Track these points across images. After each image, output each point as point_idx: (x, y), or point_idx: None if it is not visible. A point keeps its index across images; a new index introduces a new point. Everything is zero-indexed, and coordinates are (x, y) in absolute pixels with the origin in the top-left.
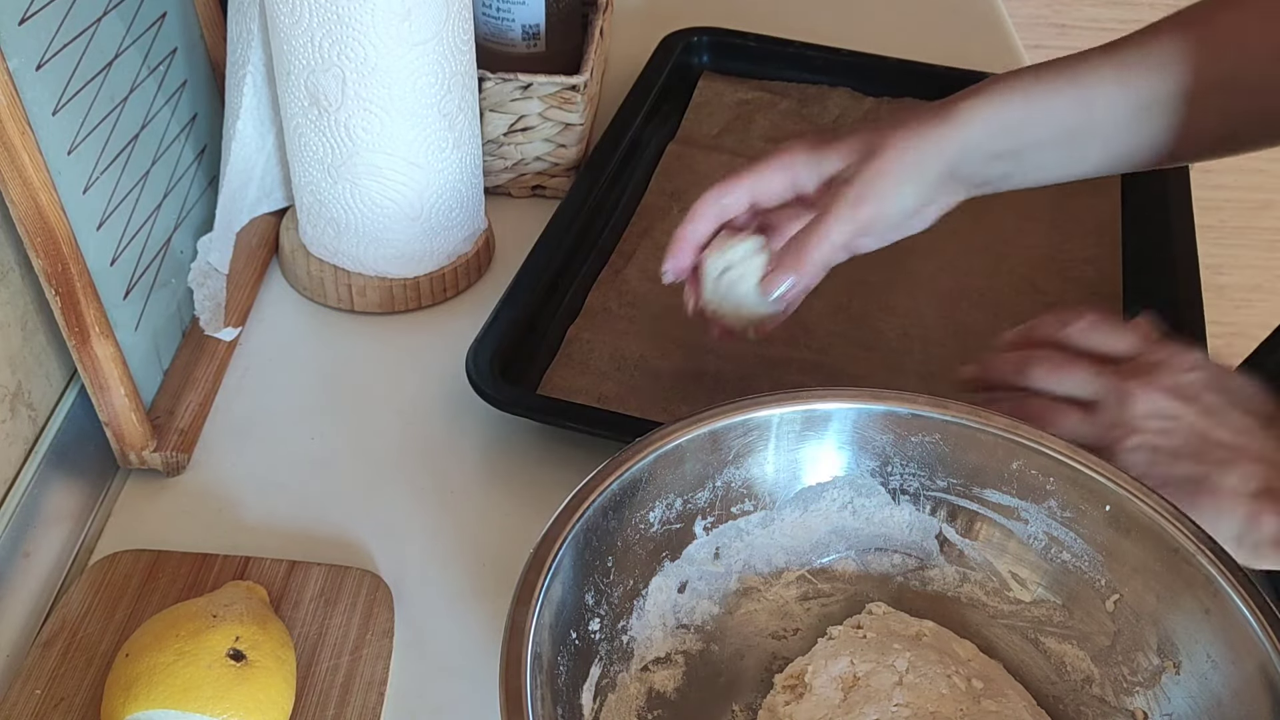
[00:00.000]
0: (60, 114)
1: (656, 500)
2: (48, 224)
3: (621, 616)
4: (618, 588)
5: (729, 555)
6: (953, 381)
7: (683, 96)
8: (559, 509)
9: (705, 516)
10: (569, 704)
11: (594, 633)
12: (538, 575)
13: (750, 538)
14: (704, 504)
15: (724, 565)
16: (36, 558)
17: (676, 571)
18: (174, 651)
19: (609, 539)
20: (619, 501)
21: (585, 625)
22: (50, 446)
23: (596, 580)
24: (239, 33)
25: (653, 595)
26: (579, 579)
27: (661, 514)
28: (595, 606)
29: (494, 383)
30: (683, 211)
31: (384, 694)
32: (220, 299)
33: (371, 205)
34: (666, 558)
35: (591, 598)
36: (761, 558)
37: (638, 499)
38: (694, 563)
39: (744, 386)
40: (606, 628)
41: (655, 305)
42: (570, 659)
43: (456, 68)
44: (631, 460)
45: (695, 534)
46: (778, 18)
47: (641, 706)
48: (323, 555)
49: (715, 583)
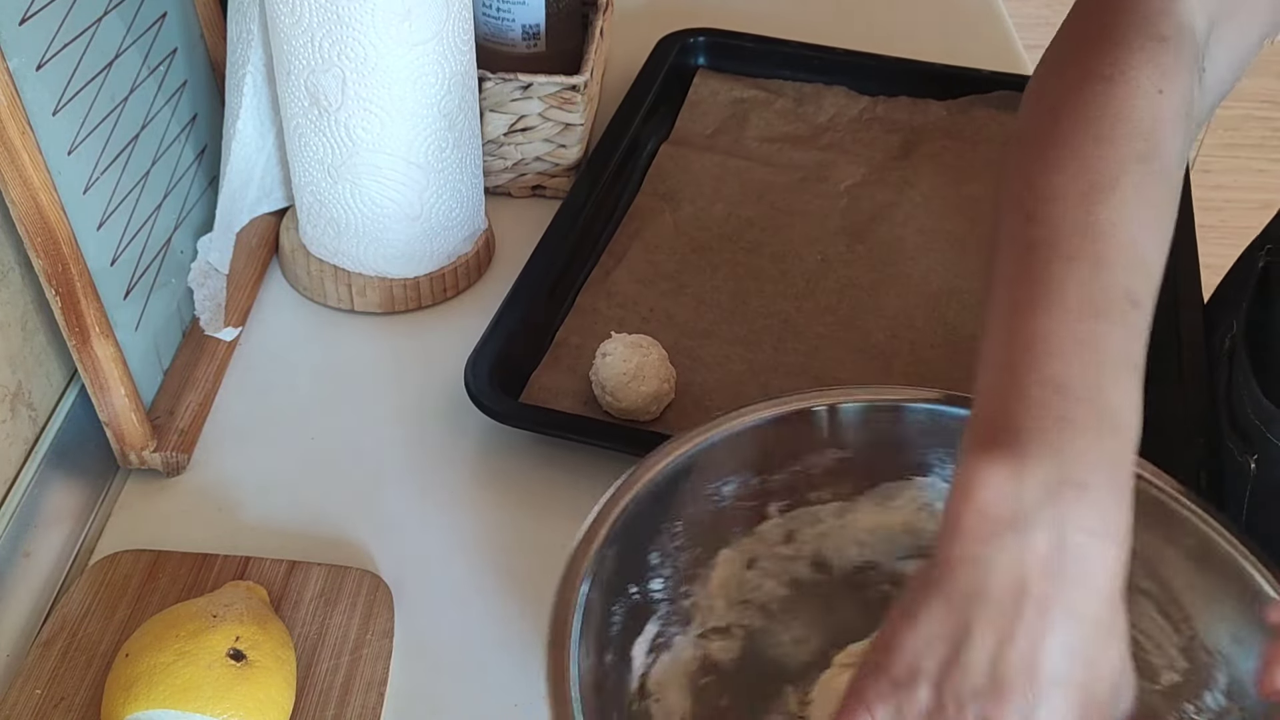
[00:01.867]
0: (60, 114)
1: (733, 474)
2: (48, 224)
3: (685, 581)
4: (685, 553)
5: (800, 540)
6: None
7: (681, 97)
8: (633, 469)
9: (781, 499)
10: (620, 654)
11: (654, 591)
12: (603, 522)
13: (824, 526)
14: (780, 486)
15: (794, 549)
16: (36, 558)
17: (747, 547)
18: (174, 651)
19: (680, 502)
20: (695, 468)
21: (646, 582)
22: (50, 446)
23: (664, 541)
24: (239, 33)
25: (720, 566)
26: (645, 535)
27: (736, 489)
28: (659, 566)
29: (493, 395)
30: (674, 213)
31: (384, 694)
32: (220, 299)
33: (371, 205)
34: (738, 532)
35: (656, 557)
36: (833, 547)
37: (714, 470)
38: (765, 542)
39: (730, 393)
40: (669, 589)
41: (644, 307)
42: (626, 612)
43: (456, 68)
44: (714, 428)
45: (769, 514)
46: (776, 17)
47: (695, 672)
48: (323, 555)
49: (784, 565)
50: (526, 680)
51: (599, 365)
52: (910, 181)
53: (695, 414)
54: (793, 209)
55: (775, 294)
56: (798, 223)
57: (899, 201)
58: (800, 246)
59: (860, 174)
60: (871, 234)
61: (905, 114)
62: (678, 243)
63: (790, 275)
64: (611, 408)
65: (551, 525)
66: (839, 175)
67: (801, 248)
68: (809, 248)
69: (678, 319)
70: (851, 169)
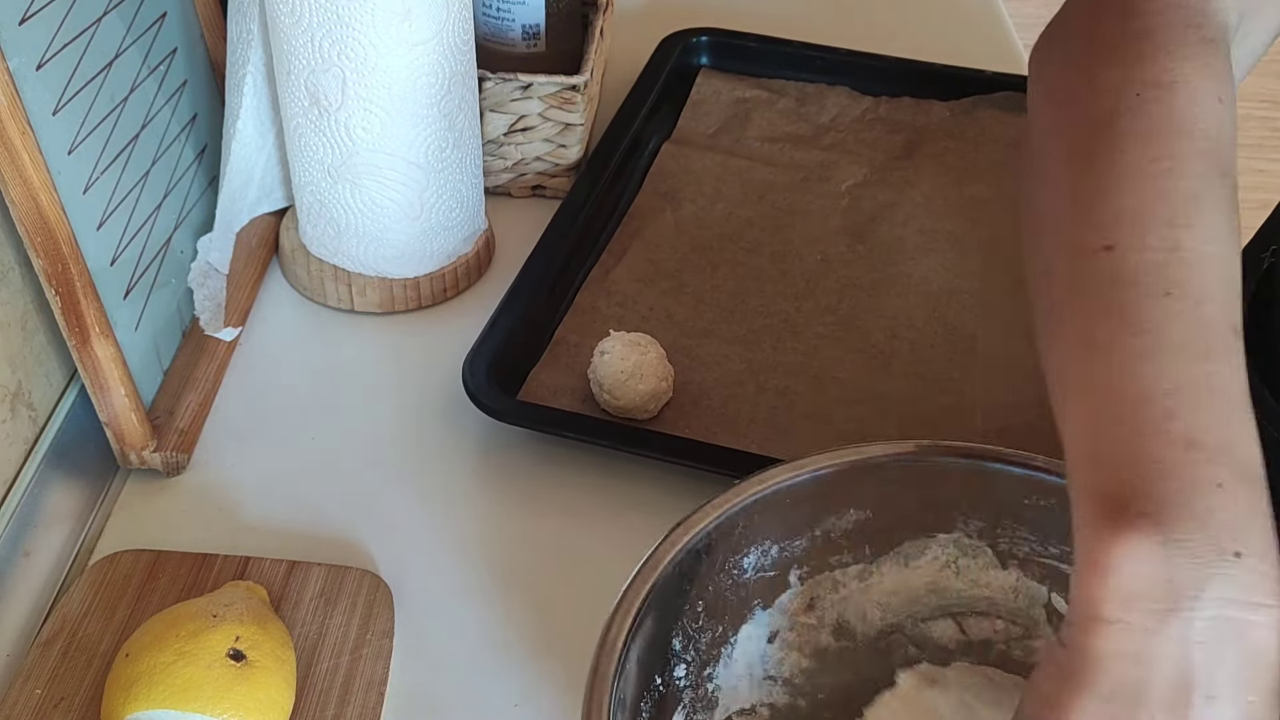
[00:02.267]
0: (60, 114)
1: (752, 545)
2: (48, 224)
3: (708, 664)
4: (706, 634)
5: (823, 607)
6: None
7: (683, 97)
8: (652, 550)
9: (801, 565)
10: None
11: (679, 679)
12: (625, 618)
13: (846, 590)
14: (800, 552)
15: (817, 617)
16: (36, 558)
17: (768, 620)
18: (174, 651)
19: (701, 583)
20: (714, 543)
21: (671, 671)
22: (50, 446)
23: (685, 625)
24: (239, 33)
25: (741, 644)
26: (668, 623)
27: (756, 560)
28: (682, 652)
29: (490, 393)
30: (675, 212)
31: (384, 694)
32: (220, 299)
33: (371, 205)
34: (759, 605)
35: (679, 643)
36: (856, 612)
37: (733, 542)
38: (786, 612)
39: (729, 391)
40: (692, 675)
41: (643, 306)
42: (653, 706)
43: (456, 68)
44: (729, 502)
45: (789, 583)
46: (777, 17)
47: None
48: (323, 555)
49: (807, 634)
50: (526, 680)
51: (597, 363)
52: (912, 182)
53: (693, 413)
54: (794, 209)
55: (775, 294)
56: (798, 223)
57: (900, 202)
58: (801, 246)
59: (862, 174)
60: (872, 234)
61: (908, 114)
62: (678, 242)
63: (790, 275)
64: (609, 406)
65: (551, 523)
66: (841, 175)
67: (802, 248)
68: (809, 248)
69: (677, 318)
70: (853, 169)
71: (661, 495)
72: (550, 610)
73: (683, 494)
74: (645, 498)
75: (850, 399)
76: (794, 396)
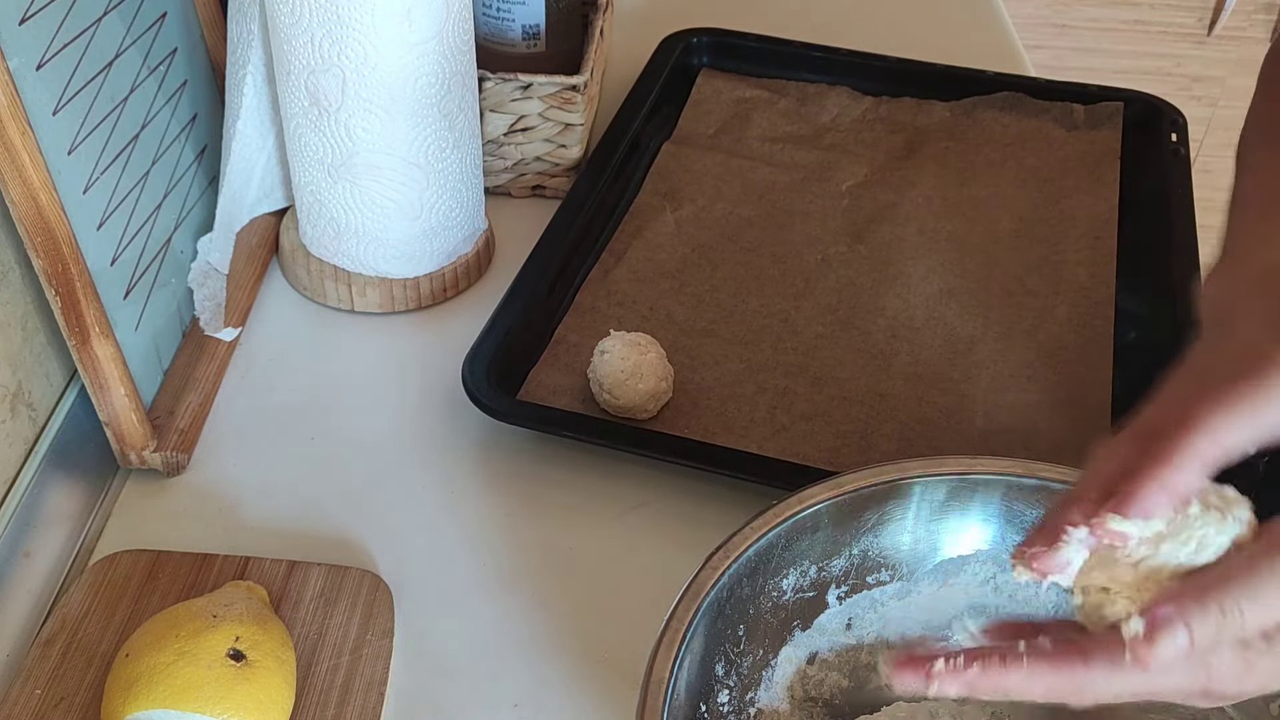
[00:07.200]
0: (60, 114)
1: (791, 567)
2: (48, 224)
3: (750, 688)
4: (747, 657)
5: (861, 626)
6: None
7: (683, 97)
8: (693, 576)
9: (839, 585)
10: None
11: (722, 705)
12: (671, 649)
13: (885, 609)
14: (839, 572)
15: (856, 636)
16: (36, 558)
17: (807, 641)
18: (174, 651)
19: (742, 607)
20: (754, 568)
21: (714, 697)
22: (50, 446)
23: (728, 650)
24: (239, 33)
25: (781, 666)
26: (711, 649)
27: (795, 581)
28: (725, 678)
29: (490, 392)
30: (675, 212)
31: (384, 694)
32: (220, 299)
33: (371, 205)
34: (798, 627)
35: (722, 668)
36: (895, 630)
37: (772, 565)
38: (825, 633)
39: (729, 391)
40: (735, 700)
41: (643, 306)
42: None
43: (456, 68)
44: (767, 526)
45: (828, 603)
46: (777, 17)
47: None
48: (323, 555)
49: (846, 654)
50: (526, 680)
51: (597, 363)
52: (912, 182)
53: (693, 413)
54: (794, 209)
55: (775, 293)
56: (799, 223)
57: (900, 202)
58: (801, 246)
59: (862, 174)
60: (872, 234)
61: (908, 115)
62: (678, 242)
63: (790, 275)
64: (609, 405)
65: (551, 523)
66: (841, 175)
67: (802, 248)
68: (809, 248)
69: (677, 318)
70: (854, 169)
71: (661, 495)
72: (550, 610)
73: (683, 494)
74: (645, 498)
75: (850, 399)
76: (793, 396)
